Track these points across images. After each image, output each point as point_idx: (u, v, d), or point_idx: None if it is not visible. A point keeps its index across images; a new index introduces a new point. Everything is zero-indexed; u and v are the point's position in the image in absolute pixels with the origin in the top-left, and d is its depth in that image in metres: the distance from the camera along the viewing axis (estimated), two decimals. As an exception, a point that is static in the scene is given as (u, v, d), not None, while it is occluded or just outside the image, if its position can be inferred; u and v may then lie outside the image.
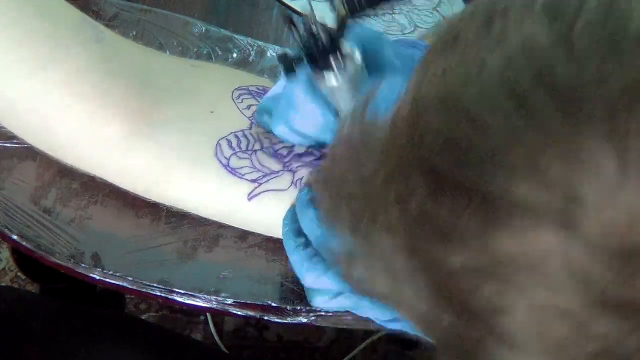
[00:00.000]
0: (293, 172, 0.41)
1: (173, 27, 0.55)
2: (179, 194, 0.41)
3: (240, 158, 0.40)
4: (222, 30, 0.56)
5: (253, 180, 0.40)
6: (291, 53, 0.35)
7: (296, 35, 0.34)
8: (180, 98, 0.41)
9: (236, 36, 0.56)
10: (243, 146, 0.41)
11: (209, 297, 0.41)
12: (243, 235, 0.44)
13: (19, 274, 1.09)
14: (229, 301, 0.42)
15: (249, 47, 0.55)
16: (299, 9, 0.60)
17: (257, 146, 0.41)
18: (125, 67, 0.40)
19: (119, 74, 0.39)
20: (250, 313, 0.42)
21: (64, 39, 0.38)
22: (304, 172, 0.41)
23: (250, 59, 0.55)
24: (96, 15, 0.53)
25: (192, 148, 0.40)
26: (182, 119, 0.40)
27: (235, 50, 0.55)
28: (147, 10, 0.55)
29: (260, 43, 0.56)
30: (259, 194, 0.40)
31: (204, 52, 0.54)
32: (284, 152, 0.41)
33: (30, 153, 0.44)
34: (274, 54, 0.56)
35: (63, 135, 0.40)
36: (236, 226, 0.43)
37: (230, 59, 0.54)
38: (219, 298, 0.42)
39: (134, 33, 0.54)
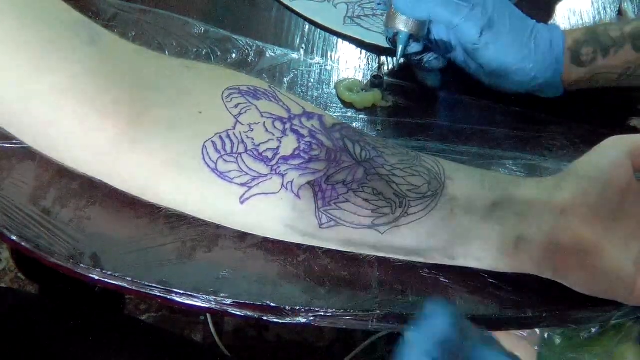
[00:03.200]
0: (282, 175, 0.41)
1: (172, 28, 0.55)
2: (170, 197, 0.41)
3: (226, 161, 0.40)
4: (221, 30, 0.56)
5: (243, 184, 0.40)
6: None
7: None
8: (171, 100, 0.41)
9: (235, 37, 0.56)
10: (228, 149, 0.41)
11: (208, 297, 0.41)
12: (242, 235, 0.44)
13: (19, 274, 1.09)
14: (228, 301, 0.42)
15: (248, 48, 0.55)
16: (299, 10, 0.60)
17: (241, 148, 0.41)
18: (118, 70, 0.40)
19: (112, 77, 0.39)
20: (250, 313, 0.42)
21: (60, 43, 0.38)
22: (293, 175, 0.41)
23: (250, 59, 0.55)
24: (95, 15, 0.53)
25: (178, 152, 0.40)
26: (170, 121, 0.40)
27: (234, 50, 0.55)
28: (147, 11, 0.55)
29: (259, 43, 0.56)
30: (250, 197, 0.40)
31: (203, 52, 0.54)
32: (269, 154, 0.41)
33: (29, 154, 0.44)
34: (273, 54, 0.56)
35: (57, 138, 0.40)
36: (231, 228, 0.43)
37: (229, 60, 0.54)
38: (218, 298, 0.42)
39: (133, 34, 0.54)
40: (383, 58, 0.58)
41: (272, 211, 0.41)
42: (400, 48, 0.52)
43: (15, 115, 0.39)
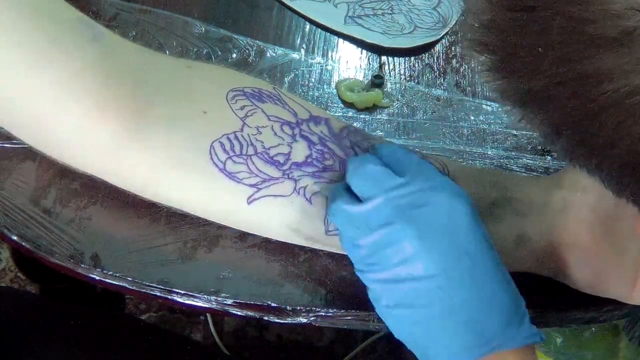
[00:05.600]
0: (295, 180, 0.41)
1: (173, 28, 0.55)
2: (171, 195, 0.41)
3: (235, 162, 0.40)
4: (221, 30, 0.56)
5: (252, 185, 0.40)
6: None
7: None
8: (174, 98, 0.41)
9: (236, 36, 0.56)
10: (237, 150, 0.41)
11: (208, 297, 0.42)
12: (243, 235, 0.44)
13: (19, 274, 1.09)
14: (229, 301, 0.42)
15: (249, 48, 0.55)
16: (299, 9, 0.60)
17: (251, 150, 0.41)
18: (120, 67, 0.40)
19: (114, 74, 0.39)
20: (250, 313, 0.42)
21: (61, 39, 0.38)
22: (307, 181, 0.41)
23: (250, 59, 0.55)
24: (96, 15, 0.53)
25: (183, 150, 0.40)
26: (173, 119, 0.40)
27: (234, 50, 0.55)
28: (147, 11, 0.55)
29: (259, 43, 0.56)
30: (259, 198, 0.40)
31: (204, 52, 0.54)
32: (281, 159, 0.41)
33: (30, 154, 0.44)
34: (274, 54, 0.56)
35: (58, 135, 0.40)
36: (235, 228, 0.43)
37: (229, 60, 0.54)
38: (219, 298, 0.42)
39: (134, 33, 0.54)
40: (384, 58, 0.58)
41: (279, 213, 0.41)
42: None
43: (16, 112, 0.39)
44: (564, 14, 0.23)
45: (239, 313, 0.42)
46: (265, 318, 0.42)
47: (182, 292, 0.42)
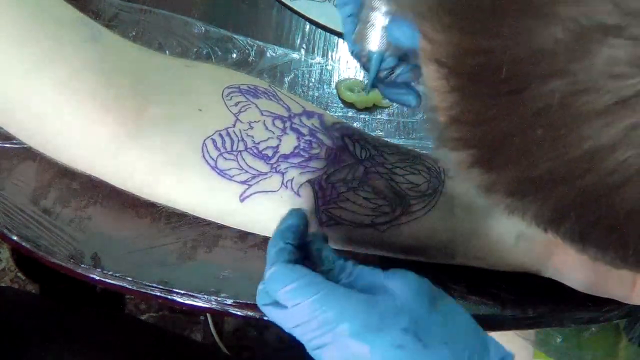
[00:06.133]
0: (282, 173, 0.41)
1: (173, 28, 0.55)
2: (170, 195, 0.41)
3: (226, 159, 0.40)
4: (221, 30, 0.56)
5: (243, 182, 0.40)
6: None
7: None
8: (171, 98, 0.41)
9: (236, 36, 0.56)
10: (228, 146, 0.41)
11: (208, 297, 0.42)
12: (243, 235, 0.44)
13: (19, 274, 1.09)
14: (229, 301, 0.42)
15: (249, 47, 0.55)
16: (299, 9, 0.60)
17: (241, 146, 0.41)
18: (119, 68, 0.40)
19: (113, 74, 0.39)
20: (250, 313, 0.42)
21: (61, 39, 0.38)
22: (293, 173, 0.41)
23: (250, 59, 0.55)
24: (96, 15, 0.53)
25: (178, 149, 0.40)
26: (170, 119, 0.40)
27: (234, 50, 0.55)
28: (147, 11, 0.55)
29: (259, 43, 0.56)
30: (250, 195, 0.40)
31: (204, 52, 0.54)
32: (269, 152, 0.41)
33: (30, 154, 0.44)
34: (274, 54, 0.56)
35: (57, 135, 0.40)
36: (231, 226, 0.43)
37: (229, 60, 0.54)
38: (219, 298, 0.42)
39: (134, 33, 0.54)
40: (383, 58, 0.58)
41: (272, 209, 0.41)
42: (373, 70, 0.42)
43: (16, 112, 0.39)
44: (562, 88, 0.20)
45: (239, 313, 0.42)
46: (265, 318, 0.42)
47: (182, 292, 0.42)
